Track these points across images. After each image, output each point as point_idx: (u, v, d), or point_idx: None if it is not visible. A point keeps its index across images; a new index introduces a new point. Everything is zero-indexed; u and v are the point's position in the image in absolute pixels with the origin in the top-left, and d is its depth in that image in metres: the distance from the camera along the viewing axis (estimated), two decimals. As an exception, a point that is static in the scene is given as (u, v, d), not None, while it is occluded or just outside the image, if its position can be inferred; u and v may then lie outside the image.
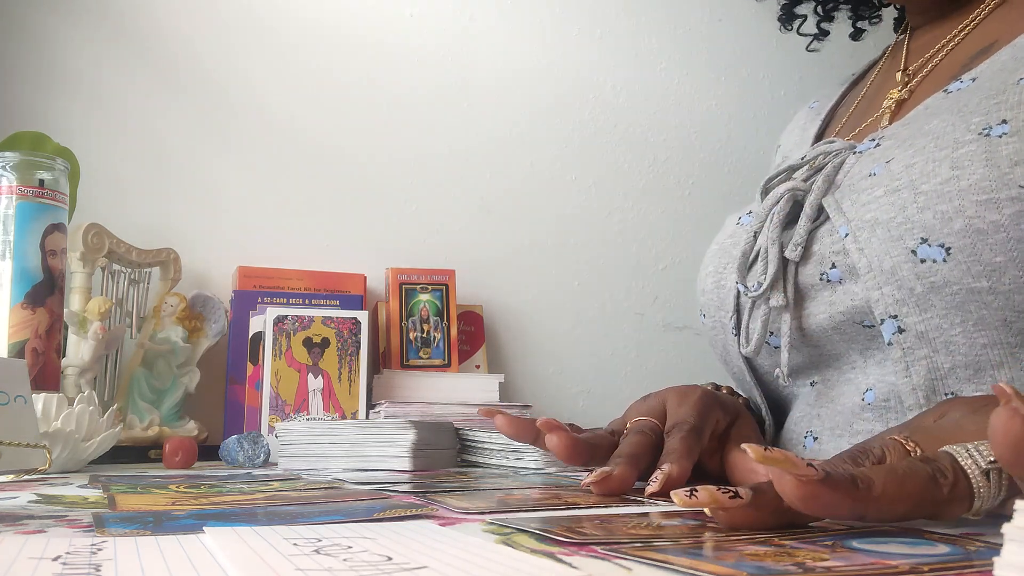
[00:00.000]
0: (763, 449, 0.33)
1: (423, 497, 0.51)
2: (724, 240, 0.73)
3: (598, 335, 1.35)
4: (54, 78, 1.15)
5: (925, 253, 0.53)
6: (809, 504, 0.32)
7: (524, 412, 1.08)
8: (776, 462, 0.32)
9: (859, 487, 0.33)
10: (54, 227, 0.86)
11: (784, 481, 0.32)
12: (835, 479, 0.32)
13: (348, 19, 1.29)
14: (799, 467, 0.32)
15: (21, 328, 0.83)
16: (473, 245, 1.31)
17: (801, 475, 0.32)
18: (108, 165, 1.16)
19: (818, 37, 0.94)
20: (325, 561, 0.29)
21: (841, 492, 0.32)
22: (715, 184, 1.43)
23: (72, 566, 0.29)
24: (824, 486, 0.32)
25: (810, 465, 0.32)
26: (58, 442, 0.73)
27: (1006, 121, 0.51)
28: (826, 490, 0.32)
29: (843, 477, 0.33)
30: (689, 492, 0.35)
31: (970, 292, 0.52)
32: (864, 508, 0.33)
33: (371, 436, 0.81)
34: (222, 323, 1.09)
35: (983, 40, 0.64)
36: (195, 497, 0.52)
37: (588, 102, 1.39)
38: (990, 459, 0.34)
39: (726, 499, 0.34)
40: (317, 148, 1.26)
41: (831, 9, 0.92)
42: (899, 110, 0.69)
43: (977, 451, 0.34)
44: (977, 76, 0.59)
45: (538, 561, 0.30)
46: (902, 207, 0.54)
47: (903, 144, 0.57)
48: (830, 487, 0.32)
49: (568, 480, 0.66)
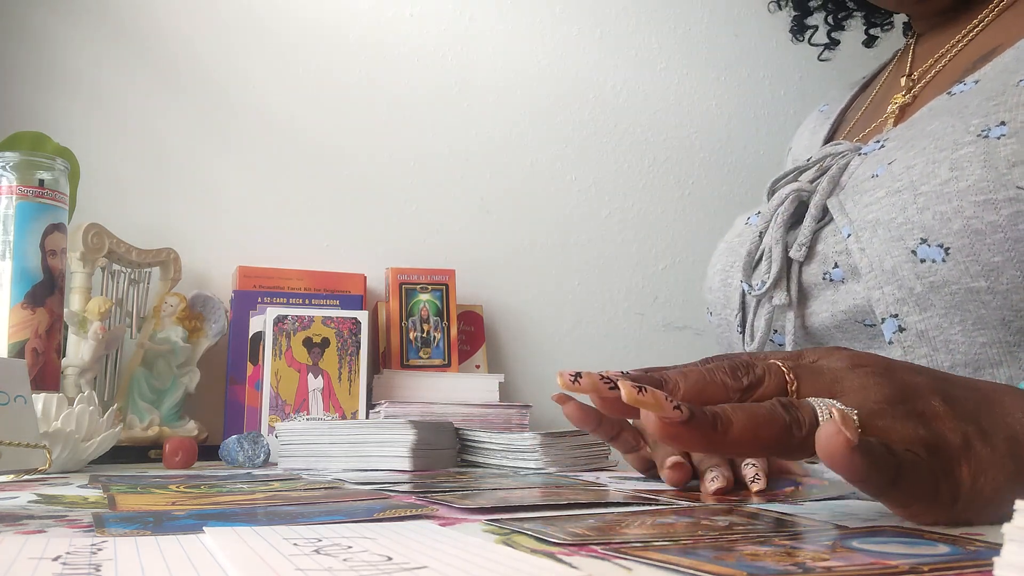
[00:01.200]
0: (633, 388, 0.36)
1: (423, 497, 0.51)
2: (732, 239, 0.74)
3: (598, 335, 1.35)
4: (54, 78, 1.15)
5: (925, 253, 0.53)
6: (670, 442, 0.36)
7: (524, 412, 1.08)
8: (645, 404, 0.35)
9: (717, 429, 0.36)
10: (54, 227, 0.86)
11: (648, 421, 0.36)
12: (697, 421, 0.36)
13: (348, 19, 1.29)
14: (664, 409, 0.35)
15: (21, 328, 0.83)
16: (473, 245, 1.31)
17: (665, 417, 0.35)
18: (108, 165, 1.16)
19: (829, 47, 0.94)
20: (325, 561, 0.29)
21: (700, 433, 0.36)
22: (715, 184, 1.43)
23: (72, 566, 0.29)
24: (684, 427, 0.35)
25: (676, 408, 0.36)
26: (58, 442, 0.73)
27: (1005, 123, 0.52)
28: (685, 430, 0.36)
29: (704, 419, 0.36)
30: (574, 377, 0.39)
31: (969, 292, 0.52)
32: (719, 448, 0.36)
33: (371, 436, 0.81)
34: (222, 323, 1.09)
35: (987, 44, 0.64)
36: (195, 497, 0.52)
37: (588, 102, 1.39)
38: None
39: (604, 388, 0.39)
40: (317, 148, 1.26)
41: (843, 18, 0.92)
42: (903, 114, 0.70)
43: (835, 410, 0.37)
44: (980, 79, 0.59)
45: (538, 561, 0.30)
46: (903, 208, 0.54)
47: (905, 146, 0.58)
48: (690, 428, 0.36)
49: (568, 480, 0.66)
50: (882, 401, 0.38)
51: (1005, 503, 0.32)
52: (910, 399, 0.38)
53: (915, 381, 0.39)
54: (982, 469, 0.36)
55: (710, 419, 0.36)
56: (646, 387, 0.36)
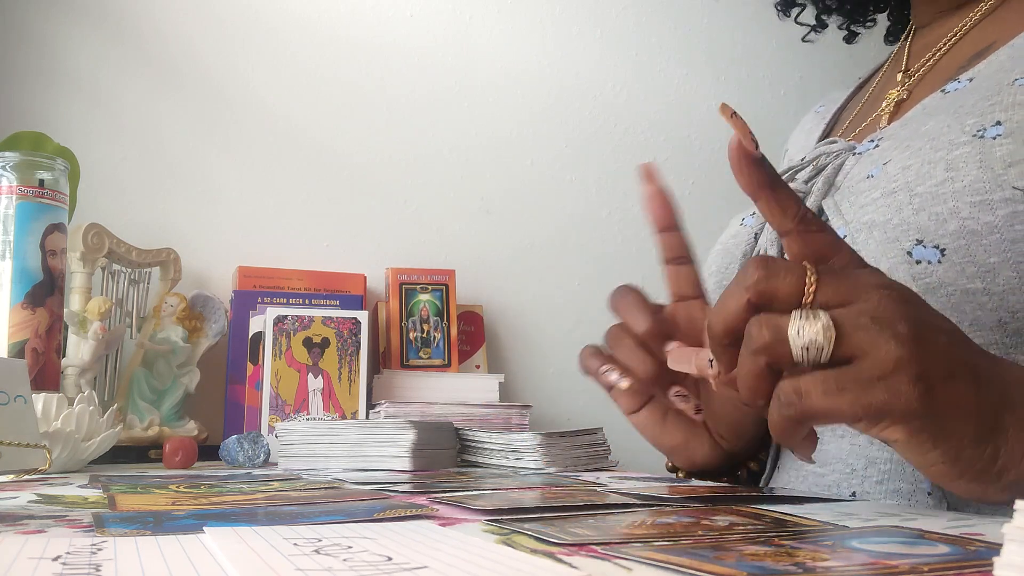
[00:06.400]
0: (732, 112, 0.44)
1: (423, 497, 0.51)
2: (727, 240, 0.73)
3: (598, 335, 1.34)
4: (54, 78, 1.15)
5: (920, 254, 0.53)
6: (734, 163, 0.45)
7: (524, 412, 1.08)
8: (740, 128, 0.44)
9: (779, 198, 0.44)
10: (54, 227, 0.86)
11: (735, 145, 0.45)
12: (766, 170, 0.45)
13: (348, 19, 1.29)
14: (749, 141, 0.45)
15: (21, 328, 0.83)
16: (473, 245, 1.31)
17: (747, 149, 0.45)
18: (108, 165, 1.16)
19: (815, 29, 0.93)
20: (325, 561, 0.29)
21: (757, 178, 0.45)
22: (715, 184, 1.43)
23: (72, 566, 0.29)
24: (755, 165, 0.45)
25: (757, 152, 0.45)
26: (58, 442, 0.73)
27: (1000, 123, 0.51)
28: (749, 167, 0.45)
29: (775, 182, 0.44)
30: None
31: (965, 293, 0.52)
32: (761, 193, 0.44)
33: (371, 436, 0.81)
34: (222, 323, 1.09)
35: (982, 41, 0.64)
36: (195, 497, 0.52)
37: (588, 102, 1.39)
38: (807, 339, 0.39)
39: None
40: (317, 148, 1.26)
41: (827, 8, 0.92)
42: (898, 110, 0.69)
43: (807, 323, 0.39)
44: (974, 76, 0.59)
45: (538, 561, 0.30)
46: (898, 209, 0.54)
47: (900, 145, 0.57)
48: (757, 168, 0.45)
49: (568, 480, 0.66)
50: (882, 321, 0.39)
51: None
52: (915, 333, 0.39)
53: (934, 331, 0.40)
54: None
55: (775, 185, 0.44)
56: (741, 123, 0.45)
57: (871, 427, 0.40)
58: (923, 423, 0.39)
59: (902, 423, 0.39)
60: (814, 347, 0.39)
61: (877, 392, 0.38)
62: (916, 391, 0.38)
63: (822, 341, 0.38)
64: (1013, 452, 0.40)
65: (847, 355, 0.39)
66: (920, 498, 0.53)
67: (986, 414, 0.40)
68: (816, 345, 0.39)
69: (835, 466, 0.59)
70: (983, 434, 0.40)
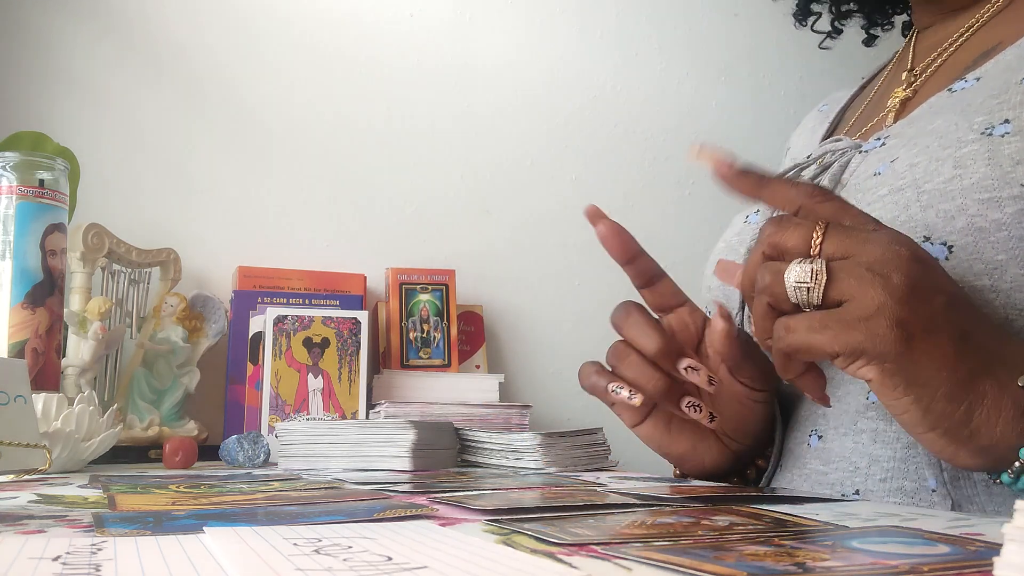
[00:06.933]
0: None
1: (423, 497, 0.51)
2: (731, 238, 0.73)
3: (598, 335, 1.34)
4: (54, 78, 1.15)
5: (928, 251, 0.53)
6: (724, 185, 0.49)
7: (524, 412, 1.08)
8: (709, 158, 0.49)
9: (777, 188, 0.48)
10: (54, 227, 0.86)
11: (717, 172, 0.50)
12: (753, 174, 0.49)
13: (348, 19, 1.29)
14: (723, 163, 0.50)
15: (21, 328, 0.83)
16: (473, 245, 1.31)
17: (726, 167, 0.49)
18: (108, 165, 1.16)
19: (831, 35, 0.93)
20: (325, 561, 0.29)
21: (749, 184, 0.49)
22: (715, 184, 1.43)
23: (72, 566, 0.29)
24: (740, 176, 0.49)
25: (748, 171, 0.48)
26: (58, 442, 0.73)
27: (1008, 120, 0.52)
28: (737, 179, 0.49)
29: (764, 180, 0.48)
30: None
31: (971, 290, 0.52)
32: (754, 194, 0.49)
33: (371, 436, 0.81)
34: (222, 323, 1.09)
35: (988, 41, 0.64)
36: (195, 497, 0.52)
37: (588, 102, 1.39)
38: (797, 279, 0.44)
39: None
40: (317, 148, 1.26)
41: (844, 15, 0.92)
42: (904, 109, 0.69)
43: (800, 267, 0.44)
44: (981, 76, 0.59)
45: (538, 561, 0.30)
46: (905, 206, 0.54)
47: (908, 143, 0.58)
48: (744, 177, 0.49)
49: (568, 480, 0.66)
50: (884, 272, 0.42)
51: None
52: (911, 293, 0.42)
53: (933, 289, 0.43)
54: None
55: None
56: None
57: (847, 364, 0.44)
58: (896, 367, 0.43)
59: (876, 363, 0.43)
60: (804, 288, 0.43)
61: (856, 332, 0.42)
62: (893, 335, 0.42)
63: (810, 282, 0.43)
64: (989, 417, 0.43)
65: (837, 298, 0.43)
66: (924, 496, 0.53)
67: (963, 373, 0.43)
68: (805, 286, 0.43)
69: (838, 464, 0.59)
70: (957, 392, 0.43)
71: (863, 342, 0.42)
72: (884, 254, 0.43)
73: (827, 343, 0.43)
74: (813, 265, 0.43)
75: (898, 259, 0.43)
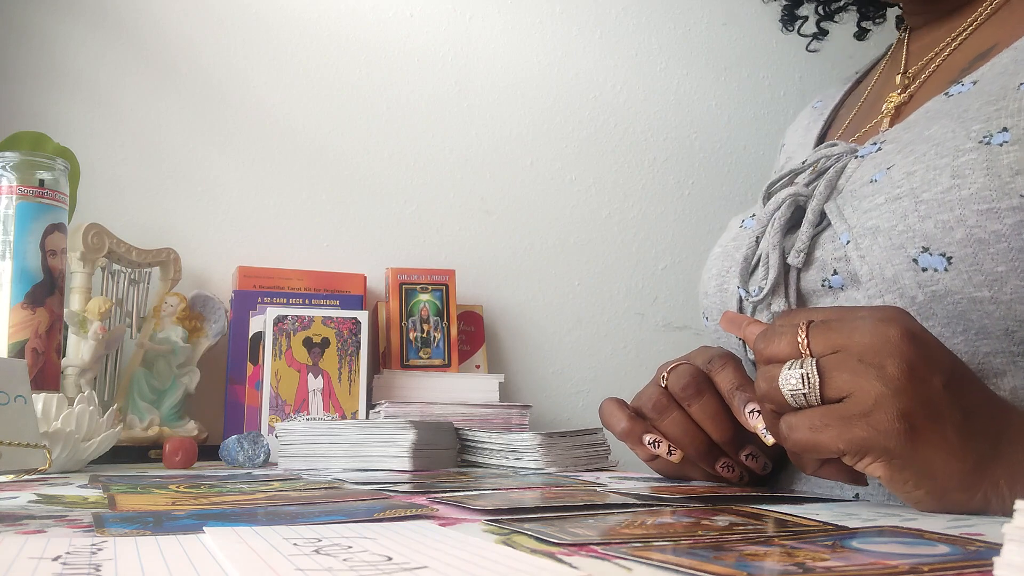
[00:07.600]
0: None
1: (423, 497, 0.51)
2: (727, 243, 0.73)
3: (598, 335, 1.35)
4: (54, 78, 1.15)
5: (926, 262, 0.53)
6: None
7: (524, 412, 1.08)
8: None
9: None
10: (54, 227, 0.86)
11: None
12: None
13: (348, 20, 1.29)
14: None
15: (21, 328, 0.83)
16: (473, 245, 1.31)
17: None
18: (108, 165, 1.16)
19: (817, 36, 0.94)
20: (325, 561, 0.29)
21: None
22: (715, 184, 1.43)
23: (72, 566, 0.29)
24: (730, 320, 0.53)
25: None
26: (58, 442, 0.73)
27: (1007, 129, 0.51)
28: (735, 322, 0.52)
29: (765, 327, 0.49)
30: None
31: (972, 301, 0.51)
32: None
33: (371, 436, 0.81)
34: (222, 323, 1.09)
35: (983, 43, 0.64)
36: (195, 497, 0.52)
37: (588, 102, 1.39)
38: (791, 385, 0.44)
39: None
40: (317, 148, 1.26)
41: (836, 10, 0.92)
42: (899, 113, 0.69)
43: (792, 372, 0.44)
44: (978, 79, 0.58)
45: (538, 561, 0.30)
46: (903, 215, 0.54)
47: (904, 150, 0.57)
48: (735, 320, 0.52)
49: (568, 480, 0.66)
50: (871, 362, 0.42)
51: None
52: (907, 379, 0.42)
53: (930, 370, 0.42)
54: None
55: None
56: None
57: (855, 461, 0.43)
58: (904, 461, 0.42)
59: (884, 459, 0.42)
60: (799, 392, 0.44)
61: (858, 429, 0.42)
62: (896, 428, 0.41)
63: (803, 386, 0.43)
64: (1005, 502, 0.42)
65: (836, 395, 0.43)
66: None
67: (971, 463, 0.42)
68: (799, 390, 0.44)
69: None
70: (969, 481, 0.42)
71: (867, 439, 0.42)
72: (873, 341, 0.42)
73: (831, 441, 0.42)
74: (803, 369, 0.43)
75: (888, 344, 0.42)
